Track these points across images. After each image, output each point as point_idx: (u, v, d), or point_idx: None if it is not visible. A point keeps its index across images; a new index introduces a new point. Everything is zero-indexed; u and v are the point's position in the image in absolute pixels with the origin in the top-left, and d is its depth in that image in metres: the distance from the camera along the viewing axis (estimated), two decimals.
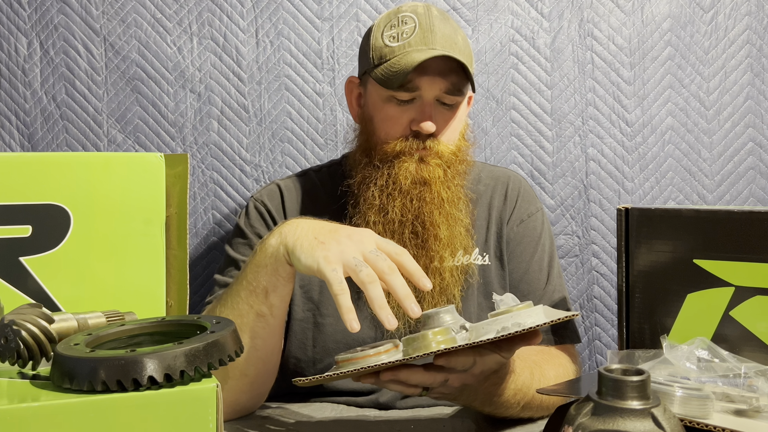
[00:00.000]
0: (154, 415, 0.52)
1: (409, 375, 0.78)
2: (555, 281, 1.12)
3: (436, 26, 1.04)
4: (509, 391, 0.87)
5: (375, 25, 1.09)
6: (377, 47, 1.06)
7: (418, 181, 1.05)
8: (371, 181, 1.06)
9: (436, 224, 1.05)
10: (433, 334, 0.74)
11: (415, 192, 1.05)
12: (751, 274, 0.80)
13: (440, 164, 1.06)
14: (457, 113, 1.08)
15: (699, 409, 0.66)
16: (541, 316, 0.77)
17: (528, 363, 0.92)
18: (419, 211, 1.05)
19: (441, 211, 1.05)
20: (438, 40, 1.03)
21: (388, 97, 1.06)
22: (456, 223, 1.07)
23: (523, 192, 1.17)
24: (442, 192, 1.05)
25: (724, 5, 1.46)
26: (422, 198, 1.05)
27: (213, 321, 0.62)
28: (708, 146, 1.46)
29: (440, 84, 1.03)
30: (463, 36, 1.08)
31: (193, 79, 1.42)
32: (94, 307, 0.71)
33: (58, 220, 0.74)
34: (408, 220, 1.05)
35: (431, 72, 1.02)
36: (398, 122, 1.06)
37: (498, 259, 1.12)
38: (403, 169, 1.04)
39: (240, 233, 1.13)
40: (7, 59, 1.41)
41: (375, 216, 1.05)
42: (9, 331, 0.59)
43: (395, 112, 1.06)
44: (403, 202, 1.04)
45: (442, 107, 1.06)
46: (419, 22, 1.04)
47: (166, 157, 0.79)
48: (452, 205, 1.07)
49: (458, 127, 1.10)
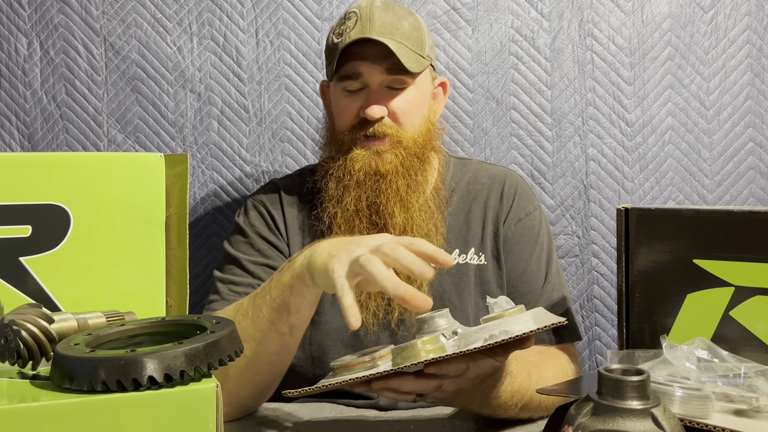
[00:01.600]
0: (154, 415, 0.52)
1: (401, 383, 0.77)
2: (554, 280, 1.12)
3: (375, 15, 1.07)
4: (506, 393, 0.87)
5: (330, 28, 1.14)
6: (328, 46, 1.12)
7: (372, 172, 1.07)
8: (331, 173, 1.10)
9: (392, 213, 1.06)
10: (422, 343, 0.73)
11: (369, 183, 1.07)
12: (751, 274, 0.80)
13: (397, 154, 1.07)
14: (410, 96, 1.09)
15: (699, 409, 0.66)
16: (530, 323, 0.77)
17: (525, 364, 0.92)
18: (374, 200, 1.07)
19: (397, 199, 1.07)
20: (376, 27, 1.06)
21: (340, 90, 1.10)
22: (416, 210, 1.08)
23: (520, 191, 1.17)
24: (399, 181, 1.07)
25: (724, 5, 1.46)
26: (377, 188, 1.07)
27: (213, 321, 0.62)
28: (708, 146, 1.46)
29: (380, 67, 1.06)
30: (412, 22, 1.10)
31: (193, 79, 1.42)
32: (94, 307, 0.71)
33: (58, 220, 0.74)
34: (363, 209, 1.07)
35: (369, 58, 1.06)
36: (348, 111, 1.09)
37: (495, 258, 1.12)
38: (357, 162, 1.07)
39: (240, 231, 1.14)
40: (7, 59, 1.41)
41: (333, 207, 1.08)
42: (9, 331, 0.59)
43: (345, 103, 1.10)
44: (358, 192, 1.07)
45: (392, 92, 1.08)
46: (360, 14, 1.08)
47: (166, 157, 0.79)
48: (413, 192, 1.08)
49: (415, 111, 1.10)
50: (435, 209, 1.10)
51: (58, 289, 0.74)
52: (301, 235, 1.13)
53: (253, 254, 1.10)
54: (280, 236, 1.13)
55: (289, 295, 0.84)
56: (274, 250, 1.12)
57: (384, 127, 1.07)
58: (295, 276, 0.84)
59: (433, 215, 1.10)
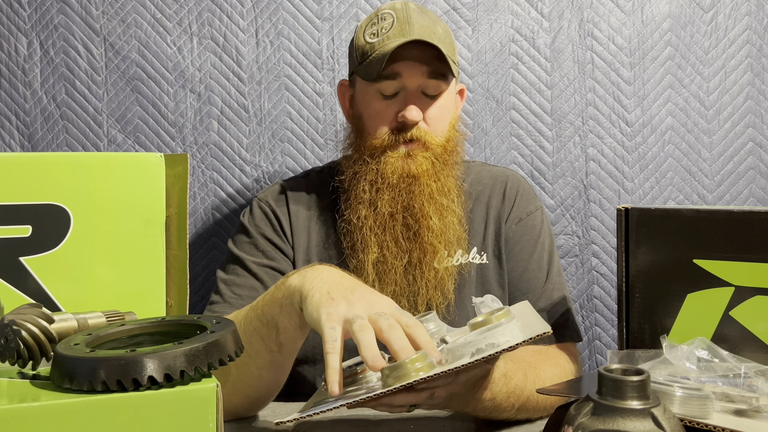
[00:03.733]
0: (154, 415, 0.52)
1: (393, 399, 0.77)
2: (554, 279, 1.12)
3: (413, 18, 1.06)
4: (501, 395, 0.86)
5: (358, 26, 1.12)
6: (359, 46, 1.09)
7: (405, 174, 1.06)
8: (361, 176, 1.08)
9: (427, 215, 1.06)
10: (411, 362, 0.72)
11: (403, 185, 1.06)
12: (751, 274, 0.80)
13: (428, 157, 1.07)
14: (442, 102, 1.09)
15: (699, 409, 0.66)
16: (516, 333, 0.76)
17: (522, 365, 0.91)
18: (409, 203, 1.06)
19: (431, 202, 1.06)
20: (416, 30, 1.05)
21: (374, 93, 1.08)
22: (448, 214, 1.08)
23: (522, 191, 1.17)
24: (431, 184, 1.07)
25: (724, 5, 1.46)
26: (411, 191, 1.06)
27: (213, 321, 0.62)
28: (708, 146, 1.46)
29: (420, 69, 1.05)
30: (444, 27, 1.10)
31: (193, 79, 1.42)
32: (94, 307, 0.71)
33: (58, 220, 0.74)
34: (398, 212, 1.06)
35: (410, 58, 1.05)
36: (384, 116, 1.08)
37: (496, 258, 1.12)
38: (390, 165, 1.06)
39: (244, 231, 1.14)
40: (7, 59, 1.41)
41: (365, 210, 1.07)
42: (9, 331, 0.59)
43: (381, 107, 1.08)
44: (392, 195, 1.06)
45: (426, 98, 1.08)
46: (397, 16, 1.07)
47: (166, 157, 0.79)
48: (443, 196, 1.08)
49: (446, 117, 1.10)
50: (461, 214, 1.10)
51: (58, 289, 0.74)
52: (307, 237, 1.13)
53: (257, 255, 1.10)
54: (285, 238, 1.13)
55: (278, 313, 0.83)
56: (278, 251, 1.12)
57: (419, 132, 1.06)
58: (285, 296, 0.82)
59: (461, 220, 1.10)
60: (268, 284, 1.07)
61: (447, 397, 0.81)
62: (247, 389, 0.89)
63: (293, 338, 0.84)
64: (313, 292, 0.78)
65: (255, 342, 0.85)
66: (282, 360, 0.87)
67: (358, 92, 1.12)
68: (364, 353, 0.71)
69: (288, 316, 0.82)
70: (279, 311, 0.83)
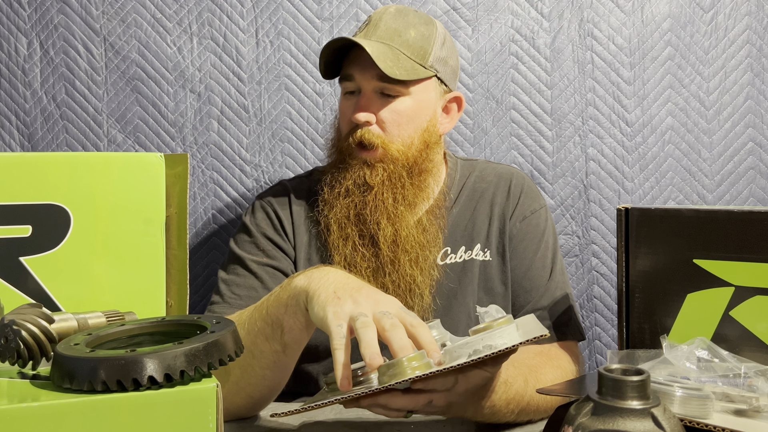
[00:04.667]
0: (154, 415, 0.52)
1: (389, 399, 0.77)
2: (557, 278, 1.12)
3: (383, 21, 1.08)
4: (501, 401, 0.86)
5: None
6: None
7: (360, 183, 1.07)
8: (326, 178, 1.11)
9: (378, 224, 1.07)
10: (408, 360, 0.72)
11: (357, 193, 1.08)
12: (751, 274, 0.80)
13: (385, 167, 1.07)
14: (398, 105, 1.08)
15: (699, 409, 0.66)
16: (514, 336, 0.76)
17: (522, 369, 0.91)
18: (361, 212, 1.07)
19: (384, 212, 1.07)
20: (379, 32, 1.07)
21: (342, 92, 1.12)
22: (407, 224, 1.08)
23: (527, 189, 1.17)
24: (386, 194, 1.07)
25: (724, 5, 1.46)
26: (364, 201, 1.07)
27: (213, 321, 0.62)
28: (708, 146, 1.46)
29: (370, 73, 1.06)
30: (422, 32, 1.08)
31: (193, 79, 1.42)
32: (94, 307, 0.71)
33: (58, 220, 0.74)
34: (351, 219, 1.08)
35: (361, 62, 1.06)
36: (345, 114, 1.11)
37: (500, 255, 1.12)
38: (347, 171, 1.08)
39: (245, 231, 1.14)
40: (7, 59, 1.41)
41: (328, 211, 1.09)
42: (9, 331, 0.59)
43: (344, 106, 1.12)
44: (347, 201, 1.08)
45: (383, 98, 1.08)
46: (371, 19, 1.10)
47: (166, 157, 0.79)
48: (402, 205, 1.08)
49: (406, 123, 1.08)
50: (434, 221, 1.10)
51: (58, 289, 0.74)
52: (308, 237, 1.13)
53: (258, 254, 1.10)
54: (286, 238, 1.13)
55: (284, 314, 0.83)
56: (279, 251, 1.12)
57: (371, 135, 1.06)
58: (291, 296, 0.82)
59: (427, 229, 1.09)
60: (268, 283, 1.07)
61: (445, 405, 0.80)
62: (251, 389, 0.89)
63: (298, 339, 0.84)
64: (320, 291, 0.79)
65: (259, 342, 0.85)
66: (286, 360, 0.87)
67: None
68: (363, 350, 0.72)
69: (293, 316, 0.82)
70: (284, 312, 0.83)
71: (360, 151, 1.08)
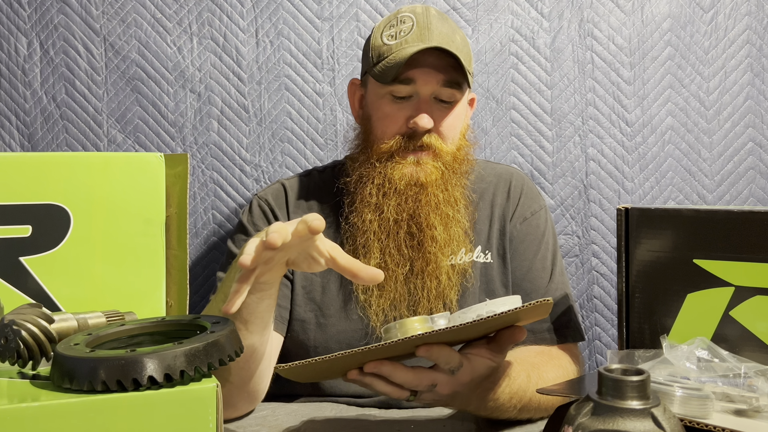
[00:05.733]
0: (154, 415, 0.52)
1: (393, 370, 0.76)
2: (558, 279, 1.12)
3: (433, 24, 1.05)
4: (504, 396, 0.86)
5: (376, 27, 1.11)
6: (376, 47, 1.08)
7: (413, 182, 1.05)
8: (368, 179, 1.07)
9: (432, 225, 1.05)
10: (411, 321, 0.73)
11: (410, 193, 1.05)
12: (751, 274, 0.80)
13: (437, 166, 1.06)
14: (455, 111, 1.08)
15: (699, 409, 0.66)
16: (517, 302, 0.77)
17: (525, 366, 0.91)
18: (414, 212, 1.05)
19: (437, 212, 1.05)
20: (435, 36, 1.04)
21: (386, 94, 1.06)
22: (453, 225, 1.07)
23: (527, 189, 1.17)
24: (438, 194, 1.05)
25: (724, 5, 1.46)
26: (418, 199, 1.05)
27: (213, 321, 0.62)
28: (708, 146, 1.46)
29: (436, 77, 1.04)
30: (462, 36, 1.09)
31: (193, 79, 1.42)
32: (94, 307, 0.71)
33: (58, 220, 0.74)
34: (403, 219, 1.05)
35: (426, 65, 1.03)
36: (395, 119, 1.06)
37: (500, 257, 1.12)
38: (398, 170, 1.05)
39: (243, 230, 1.14)
40: (7, 59, 1.41)
41: (371, 214, 1.05)
42: (9, 331, 0.59)
43: (392, 110, 1.06)
44: (398, 201, 1.05)
45: (439, 104, 1.06)
46: (417, 20, 1.06)
47: (166, 157, 0.79)
48: (449, 207, 1.06)
49: (457, 126, 1.09)
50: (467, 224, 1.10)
51: (58, 289, 0.74)
52: None
53: None
54: None
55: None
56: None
57: (430, 139, 1.05)
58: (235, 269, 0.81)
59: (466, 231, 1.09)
60: None
61: (450, 394, 0.80)
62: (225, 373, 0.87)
63: (254, 311, 0.82)
64: None
65: None
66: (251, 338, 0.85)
67: (370, 93, 1.11)
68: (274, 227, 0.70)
69: None
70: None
71: (408, 151, 1.06)
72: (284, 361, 1.06)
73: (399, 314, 1.05)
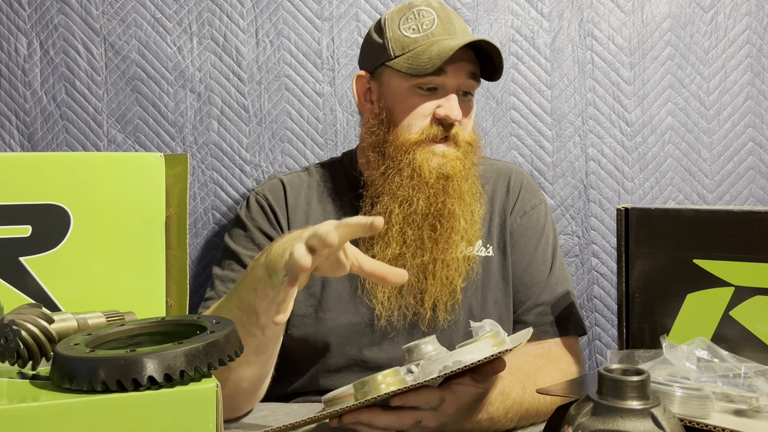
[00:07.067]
0: (154, 415, 0.52)
1: (371, 417, 0.77)
2: (558, 273, 1.12)
3: (453, 18, 1.08)
4: (499, 412, 0.86)
5: (387, 20, 1.10)
6: (396, 38, 1.08)
7: (442, 175, 1.05)
8: (395, 172, 1.06)
9: (458, 217, 1.05)
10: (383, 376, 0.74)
11: (439, 186, 1.05)
12: (751, 274, 0.80)
13: (459, 157, 1.07)
14: (473, 103, 1.11)
15: (699, 409, 0.66)
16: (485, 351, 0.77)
17: (519, 377, 0.91)
18: (443, 204, 1.05)
19: (461, 203, 1.06)
20: (458, 30, 1.07)
21: (411, 87, 1.07)
22: (473, 215, 1.08)
23: (526, 184, 1.17)
24: (462, 185, 1.06)
25: (724, 5, 1.46)
26: (446, 191, 1.05)
27: (213, 321, 0.62)
28: (708, 146, 1.46)
29: (464, 69, 1.06)
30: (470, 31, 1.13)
31: (193, 79, 1.42)
32: (94, 307, 0.71)
33: (58, 220, 0.74)
34: (431, 213, 1.05)
35: (457, 59, 1.05)
36: (422, 111, 1.07)
37: (501, 250, 1.12)
38: (426, 162, 1.05)
39: (240, 225, 1.13)
40: (7, 59, 1.41)
41: (398, 208, 1.05)
42: (9, 331, 0.59)
43: (419, 101, 1.07)
44: (428, 194, 1.05)
45: (461, 96, 1.08)
46: (437, 15, 1.08)
47: (166, 157, 0.79)
48: (471, 197, 1.08)
49: (473, 117, 1.12)
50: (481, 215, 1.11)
51: (58, 289, 0.74)
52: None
53: (252, 249, 1.10)
54: (282, 231, 1.12)
55: (254, 298, 0.83)
56: None
57: (456, 129, 1.07)
58: (257, 279, 0.82)
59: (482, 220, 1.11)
60: None
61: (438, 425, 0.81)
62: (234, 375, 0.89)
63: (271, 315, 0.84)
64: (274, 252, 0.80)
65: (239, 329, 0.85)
66: (266, 341, 0.87)
67: (388, 85, 1.10)
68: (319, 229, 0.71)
69: (265, 296, 0.82)
70: (255, 297, 0.83)
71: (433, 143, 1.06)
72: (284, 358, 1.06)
73: (405, 302, 1.05)
